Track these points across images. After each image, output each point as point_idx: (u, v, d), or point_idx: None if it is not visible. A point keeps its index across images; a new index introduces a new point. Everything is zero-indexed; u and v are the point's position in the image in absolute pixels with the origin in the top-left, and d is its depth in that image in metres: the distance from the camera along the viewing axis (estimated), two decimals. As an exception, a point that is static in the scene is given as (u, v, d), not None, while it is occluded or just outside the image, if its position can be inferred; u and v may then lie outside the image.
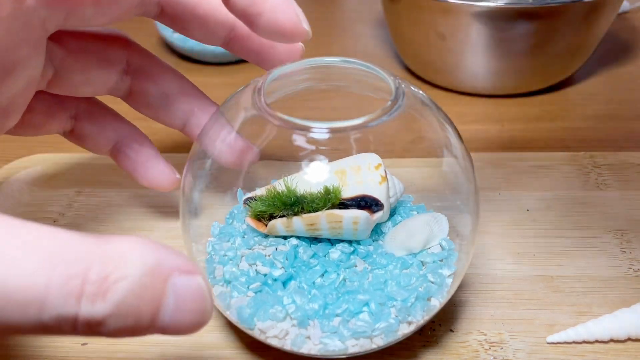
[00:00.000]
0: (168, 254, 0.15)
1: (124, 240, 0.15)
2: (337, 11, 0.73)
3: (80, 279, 0.14)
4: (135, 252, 0.15)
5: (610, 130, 0.45)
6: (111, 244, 0.15)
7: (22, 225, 0.14)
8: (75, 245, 0.14)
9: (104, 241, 0.15)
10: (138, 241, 0.15)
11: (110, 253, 0.15)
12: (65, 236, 0.14)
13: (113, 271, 0.14)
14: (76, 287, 0.14)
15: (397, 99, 0.24)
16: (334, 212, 0.25)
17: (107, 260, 0.14)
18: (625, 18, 0.65)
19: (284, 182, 0.26)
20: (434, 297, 0.25)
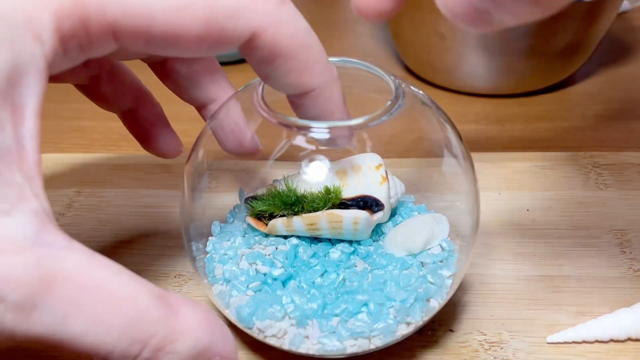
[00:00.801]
0: (220, 337, 0.18)
1: (189, 313, 0.17)
2: (337, 11, 0.73)
3: (142, 345, 0.16)
4: (195, 331, 0.17)
5: (610, 130, 0.45)
6: (179, 316, 0.17)
7: (123, 277, 0.16)
8: (152, 312, 0.16)
9: (174, 310, 0.17)
10: (200, 317, 0.17)
11: (174, 326, 0.16)
12: (147, 301, 0.16)
13: (168, 345, 0.16)
14: (136, 350, 0.16)
15: (397, 98, 0.24)
16: (334, 212, 0.25)
17: (170, 332, 0.16)
18: (625, 18, 0.65)
19: (284, 181, 0.26)
20: (433, 298, 0.25)
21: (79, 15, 0.16)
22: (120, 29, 0.16)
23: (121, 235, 0.35)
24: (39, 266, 0.15)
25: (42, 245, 0.15)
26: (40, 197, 0.16)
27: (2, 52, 0.15)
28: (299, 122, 0.23)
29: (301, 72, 0.20)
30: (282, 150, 0.24)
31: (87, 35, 0.16)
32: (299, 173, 0.26)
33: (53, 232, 0.16)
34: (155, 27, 0.17)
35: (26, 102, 0.16)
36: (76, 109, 0.50)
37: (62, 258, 0.15)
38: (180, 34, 0.17)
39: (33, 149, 0.16)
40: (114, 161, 0.41)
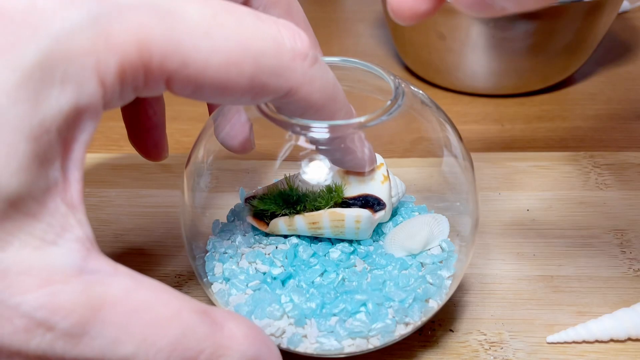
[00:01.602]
0: (265, 349, 0.18)
1: (234, 327, 0.18)
2: (337, 11, 0.73)
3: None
4: (241, 345, 0.17)
5: (610, 130, 0.45)
6: (225, 331, 0.17)
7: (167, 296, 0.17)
8: (198, 329, 0.17)
9: (219, 326, 0.17)
10: (245, 331, 0.18)
11: (221, 341, 0.17)
12: (193, 318, 0.17)
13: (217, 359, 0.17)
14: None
15: (397, 98, 0.24)
16: (336, 211, 0.25)
17: (217, 348, 0.17)
18: (625, 18, 0.65)
19: (285, 180, 0.26)
20: (432, 299, 0.25)
21: (142, 62, 0.16)
22: (175, 78, 0.17)
23: (121, 235, 0.35)
24: (87, 293, 0.15)
25: (89, 273, 0.16)
26: (84, 225, 0.16)
27: (67, 93, 0.15)
28: (299, 122, 0.23)
29: (326, 119, 0.22)
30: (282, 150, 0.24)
31: (144, 80, 0.17)
32: (300, 173, 0.26)
33: (98, 259, 0.16)
34: (207, 79, 0.17)
35: (78, 138, 0.16)
36: (76, 109, 0.50)
37: (108, 283, 0.16)
38: (228, 87, 0.18)
39: (76, 179, 0.16)
40: (114, 161, 0.41)
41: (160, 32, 0.16)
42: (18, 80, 0.14)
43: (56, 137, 0.15)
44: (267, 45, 0.18)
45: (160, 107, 0.30)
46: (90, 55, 0.15)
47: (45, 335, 0.15)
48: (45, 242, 0.15)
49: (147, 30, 0.16)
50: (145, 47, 0.16)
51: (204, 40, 0.17)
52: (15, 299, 0.15)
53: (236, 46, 0.17)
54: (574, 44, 0.47)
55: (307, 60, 0.19)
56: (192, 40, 0.17)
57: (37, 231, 0.15)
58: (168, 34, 0.16)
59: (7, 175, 0.14)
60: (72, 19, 0.15)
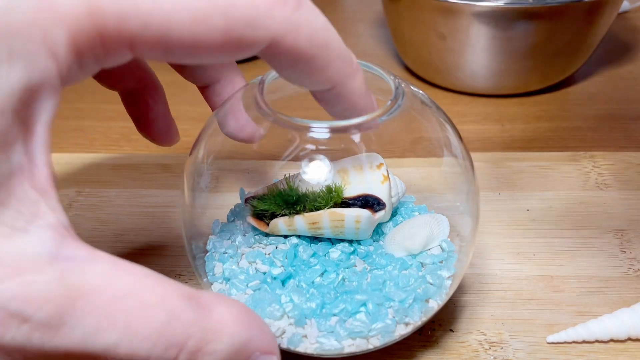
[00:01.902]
0: (256, 332, 0.18)
1: (223, 310, 0.17)
2: (337, 11, 0.73)
3: (178, 348, 0.16)
4: (230, 328, 0.17)
5: (610, 130, 0.45)
6: (213, 315, 0.17)
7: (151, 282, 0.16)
8: (184, 314, 0.16)
9: (206, 310, 0.17)
10: (235, 314, 0.17)
11: (209, 325, 0.16)
12: (178, 303, 0.16)
13: (206, 345, 0.16)
14: (172, 354, 0.16)
15: (397, 98, 0.24)
16: (336, 211, 0.25)
17: (205, 333, 0.16)
18: (625, 18, 0.65)
19: (285, 180, 0.26)
20: (432, 299, 0.25)
21: (96, 30, 0.15)
22: (138, 41, 0.16)
23: (121, 235, 0.35)
24: (63, 281, 0.15)
25: (64, 260, 0.15)
26: (56, 211, 0.15)
27: (16, 70, 0.14)
28: (299, 122, 0.23)
29: (323, 71, 0.20)
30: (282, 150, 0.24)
31: (103, 48, 0.16)
32: (300, 173, 0.26)
33: (74, 245, 0.15)
34: (174, 39, 0.16)
35: (38, 117, 0.15)
36: (76, 109, 0.50)
37: (86, 270, 0.15)
38: (199, 45, 0.17)
39: (44, 163, 0.16)
40: (114, 161, 0.41)
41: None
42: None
43: (13, 119, 0.14)
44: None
45: (159, 94, 0.29)
46: (35, 27, 0.14)
47: (21, 327, 0.14)
48: (15, 229, 0.15)
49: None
50: (96, 12, 0.15)
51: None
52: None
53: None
54: (574, 44, 0.47)
55: (288, 5, 0.17)
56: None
57: (6, 218, 0.14)
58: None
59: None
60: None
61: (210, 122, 0.28)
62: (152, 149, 0.44)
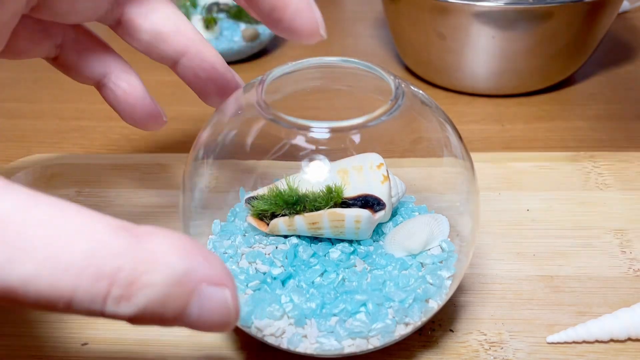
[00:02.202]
0: (200, 261, 0.16)
1: (159, 241, 0.15)
2: (337, 11, 0.73)
3: (108, 281, 0.14)
4: (167, 257, 0.15)
5: (610, 130, 0.45)
6: (146, 244, 0.15)
7: (74, 212, 0.15)
8: (112, 243, 0.15)
9: (140, 240, 0.15)
10: (173, 243, 0.15)
11: (142, 255, 0.15)
12: (104, 232, 0.15)
13: (140, 276, 0.15)
14: (103, 289, 0.14)
15: (397, 98, 0.24)
16: (336, 211, 0.25)
17: (138, 263, 0.15)
18: (625, 18, 0.65)
19: (285, 181, 0.26)
20: (432, 299, 0.25)
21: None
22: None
23: (121, 235, 0.34)
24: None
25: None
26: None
27: None
28: (299, 122, 0.23)
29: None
30: (282, 150, 0.24)
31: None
32: (300, 173, 0.26)
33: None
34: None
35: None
36: (76, 109, 0.50)
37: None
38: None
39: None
40: (114, 161, 0.41)
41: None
42: None
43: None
44: None
45: (132, 78, 0.28)
46: None
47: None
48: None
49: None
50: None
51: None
52: None
53: None
54: (574, 44, 0.47)
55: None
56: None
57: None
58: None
59: None
60: None
61: (210, 122, 0.28)
62: (152, 149, 0.44)
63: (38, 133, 0.47)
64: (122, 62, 0.29)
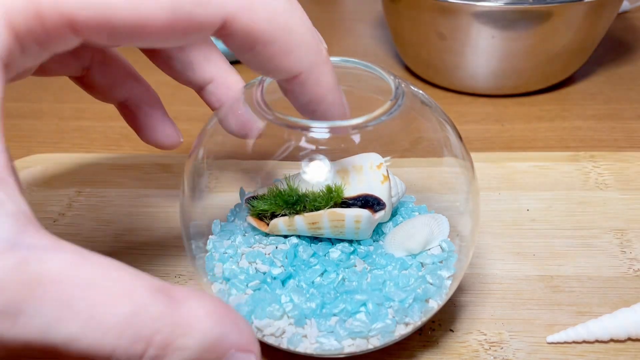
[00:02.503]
0: (232, 328, 0.17)
1: (194, 305, 0.16)
2: (337, 11, 0.73)
3: (146, 342, 0.15)
4: (202, 323, 0.16)
5: (610, 130, 0.45)
6: (183, 309, 0.16)
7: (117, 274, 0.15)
8: (152, 307, 0.15)
9: (177, 304, 0.16)
10: (208, 309, 0.16)
11: (179, 319, 0.16)
12: (144, 294, 0.15)
13: (176, 339, 0.15)
14: (140, 349, 0.15)
15: (397, 98, 0.24)
16: (335, 211, 0.25)
17: (175, 327, 0.15)
18: (625, 18, 0.65)
19: (285, 180, 0.26)
20: (432, 299, 0.25)
21: (33, 10, 0.15)
22: (79, 22, 0.16)
23: (121, 235, 0.35)
24: (21, 269, 0.14)
25: (23, 248, 0.15)
26: (15, 199, 0.15)
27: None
28: (299, 122, 0.23)
29: (283, 57, 0.19)
30: (282, 150, 0.24)
31: (44, 30, 0.15)
32: (300, 173, 0.26)
33: (35, 234, 0.15)
34: (116, 18, 0.16)
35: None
36: (76, 109, 0.50)
37: (47, 259, 0.15)
38: (145, 25, 0.16)
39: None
40: (114, 161, 0.41)
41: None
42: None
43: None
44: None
45: (154, 100, 0.29)
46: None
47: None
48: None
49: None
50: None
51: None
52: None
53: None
54: (574, 44, 0.47)
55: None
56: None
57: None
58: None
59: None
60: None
61: (210, 122, 0.28)
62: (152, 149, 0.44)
63: (38, 133, 0.47)
64: (145, 85, 0.29)
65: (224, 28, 0.17)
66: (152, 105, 0.29)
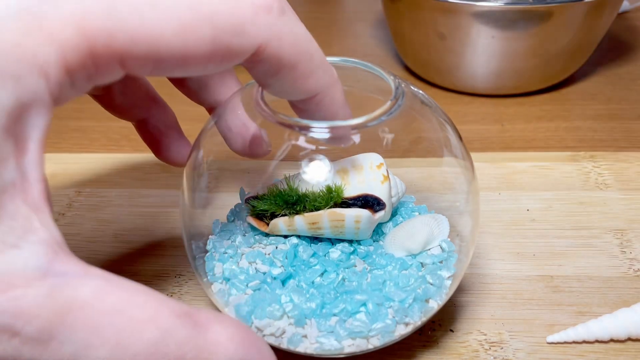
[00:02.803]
0: (253, 349, 0.17)
1: (219, 330, 0.17)
2: (337, 11, 0.73)
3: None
4: (226, 346, 0.17)
5: (610, 130, 0.45)
6: (207, 333, 0.16)
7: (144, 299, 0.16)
8: (178, 332, 0.16)
9: (201, 328, 0.16)
10: (231, 333, 0.17)
11: (203, 343, 0.16)
12: (170, 320, 0.16)
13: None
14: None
15: (397, 98, 0.24)
16: (336, 211, 0.25)
17: (200, 351, 0.16)
18: (625, 18, 0.65)
19: (285, 180, 0.26)
20: (432, 299, 0.25)
21: (86, 47, 0.15)
22: (128, 57, 0.16)
23: (121, 235, 0.35)
24: (53, 296, 0.15)
25: (55, 275, 0.15)
26: (49, 227, 0.16)
27: (6, 89, 0.14)
28: (299, 122, 0.23)
29: (305, 79, 0.20)
30: (282, 150, 0.24)
31: (94, 65, 0.16)
32: (300, 173, 0.26)
33: (66, 261, 0.15)
34: (163, 52, 0.16)
35: (30, 135, 0.16)
36: (76, 109, 0.50)
37: (76, 286, 0.15)
38: (188, 56, 0.17)
39: (36, 179, 0.16)
40: (114, 161, 0.41)
41: (100, 11, 0.15)
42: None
43: (3, 136, 0.15)
44: (222, 2, 0.17)
45: (170, 119, 0.29)
46: (24, 47, 0.14)
47: (11, 340, 0.14)
48: (6, 245, 0.15)
49: (84, 12, 0.15)
50: (86, 31, 0.15)
51: (149, 12, 0.16)
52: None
53: (186, 10, 0.16)
54: (574, 44, 0.47)
55: (273, 12, 0.18)
56: (137, 14, 0.15)
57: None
58: (108, 12, 0.15)
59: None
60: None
61: (210, 122, 0.28)
62: (152, 149, 0.44)
63: (38, 133, 0.47)
64: (163, 106, 0.29)
65: (255, 55, 0.18)
66: (169, 126, 0.29)
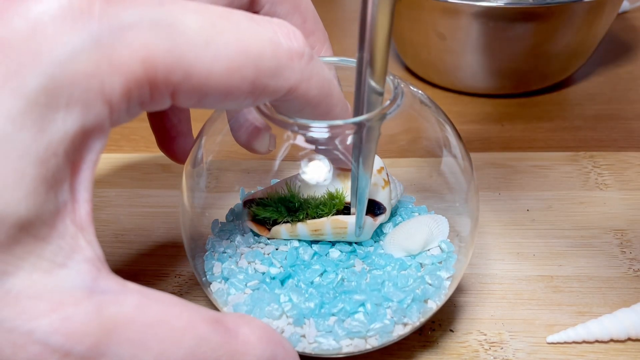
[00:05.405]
0: (280, 348, 0.19)
1: (248, 332, 0.18)
2: (337, 11, 0.73)
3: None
4: (256, 347, 0.18)
5: (610, 130, 0.45)
6: (239, 336, 0.18)
7: (179, 309, 0.17)
8: (212, 338, 0.17)
9: (232, 332, 0.18)
10: (259, 334, 0.18)
11: (236, 346, 0.17)
12: (204, 328, 0.17)
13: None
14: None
15: (396, 98, 0.24)
16: (339, 218, 0.25)
17: (233, 354, 0.17)
18: (625, 18, 0.65)
19: (286, 186, 0.26)
20: (430, 300, 0.25)
21: (146, 80, 0.16)
22: (180, 90, 0.17)
23: (121, 235, 0.35)
24: (99, 314, 0.15)
25: (99, 293, 0.16)
26: (93, 245, 0.16)
27: (73, 116, 0.15)
28: (299, 122, 0.23)
29: (325, 115, 0.22)
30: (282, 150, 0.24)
31: (150, 96, 0.17)
32: (300, 173, 0.26)
33: (108, 278, 0.16)
34: (211, 88, 0.17)
35: (86, 158, 0.16)
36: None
37: (119, 302, 0.16)
38: (231, 93, 0.18)
39: (85, 200, 0.16)
40: (114, 161, 0.41)
41: (163, 47, 0.16)
42: (23, 107, 0.14)
43: (64, 160, 0.15)
44: (265, 47, 0.18)
45: (185, 114, 0.30)
46: (94, 77, 0.15)
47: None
48: (55, 264, 0.15)
49: (150, 47, 0.16)
50: (150, 65, 0.16)
51: (205, 50, 0.17)
52: (29, 325, 0.14)
53: (236, 52, 0.17)
54: (574, 44, 0.47)
55: (304, 58, 0.19)
56: (194, 52, 0.17)
57: (47, 254, 0.15)
58: (171, 48, 0.16)
59: (16, 201, 0.14)
60: (73, 43, 0.15)
61: (209, 122, 0.28)
62: (152, 149, 0.44)
63: (38, 133, 0.47)
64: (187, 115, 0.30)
65: (285, 95, 0.20)
66: (180, 118, 0.30)
